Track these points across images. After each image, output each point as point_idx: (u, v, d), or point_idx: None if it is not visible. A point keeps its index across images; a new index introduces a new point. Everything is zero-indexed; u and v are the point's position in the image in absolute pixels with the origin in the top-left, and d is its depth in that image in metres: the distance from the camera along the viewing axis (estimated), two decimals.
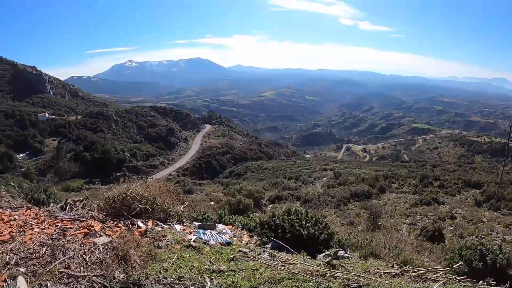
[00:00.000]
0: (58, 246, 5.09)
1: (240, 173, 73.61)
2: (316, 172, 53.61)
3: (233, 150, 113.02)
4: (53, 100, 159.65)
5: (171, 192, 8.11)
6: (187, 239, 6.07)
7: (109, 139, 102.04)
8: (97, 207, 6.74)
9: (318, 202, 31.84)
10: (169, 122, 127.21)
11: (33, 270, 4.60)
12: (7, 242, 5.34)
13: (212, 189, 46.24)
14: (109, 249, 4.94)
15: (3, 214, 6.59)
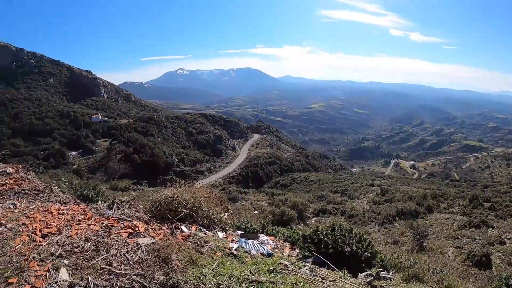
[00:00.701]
0: (102, 242, 5.20)
1: (286, 184, 73.20)
2: (362, 187, 52.62)
3: (280, 160, 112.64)
4: (107, 103, 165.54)
5: (216, 199, 8.16)
6: (228, 247, 6.06)
7: (159, 143, 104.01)
8: (143, 208, 6.84)
9: (363, 218, 31.22)
10: (218, 129, 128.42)
11: (76, 263, 4.75)
12: (54, 234, 5.55)
13: (257, 198, 46.19)
14: (151, 250, 5.00)
15: (52, 207, 6.83)
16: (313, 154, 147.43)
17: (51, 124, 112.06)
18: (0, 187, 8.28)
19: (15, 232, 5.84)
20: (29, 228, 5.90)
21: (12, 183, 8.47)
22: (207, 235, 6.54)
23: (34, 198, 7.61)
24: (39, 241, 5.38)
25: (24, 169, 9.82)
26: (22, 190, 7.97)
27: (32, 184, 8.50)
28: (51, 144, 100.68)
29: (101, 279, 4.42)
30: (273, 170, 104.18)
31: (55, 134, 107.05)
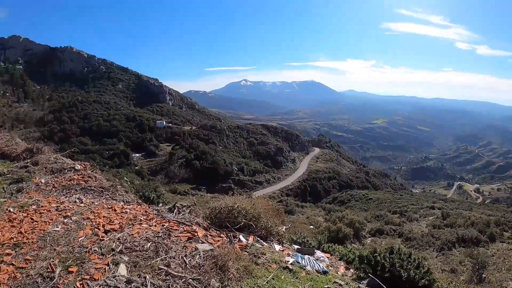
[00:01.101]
0: (162, 244, 5.29)
1: (344, 200, 72.08)
2: (422, 209, 50.88)
3: (339, 176, 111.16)
4: (171, 110, 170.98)
5: (275, 211, 8.13)
6: (284, 261, 6.00)
7: (220, 152, 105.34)
8: (202, 214, 6.91)
9: (421, 242, 30.15)
10: (279, 141, 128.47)
11: (135, 261, 4.88)
12: (116, 231, 5.75)
13: (314, 213, 45.84)
14: (209, 256, 5.02)
15: (116, 205, 7.08)
16: (374, 171, 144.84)
17: (118, 126, 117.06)
18: (68, 181, 8.70)
19: (79, 225, 6.13)
20: (92, 223, 6.17)
21: (80, 179, 8.86)
22: (264, 246, 6.51)
23: (99, 195, 7.92)
24: (101, 236, 5.60)
25: (91, 167, 10.23)
26: (89, 187, 8.32)
27: (98, 181, 8.85)
28: (116, 145, 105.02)
29: (158, 279, 4.49)
30: (332, 186, 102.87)
31: (121, 136, 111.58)
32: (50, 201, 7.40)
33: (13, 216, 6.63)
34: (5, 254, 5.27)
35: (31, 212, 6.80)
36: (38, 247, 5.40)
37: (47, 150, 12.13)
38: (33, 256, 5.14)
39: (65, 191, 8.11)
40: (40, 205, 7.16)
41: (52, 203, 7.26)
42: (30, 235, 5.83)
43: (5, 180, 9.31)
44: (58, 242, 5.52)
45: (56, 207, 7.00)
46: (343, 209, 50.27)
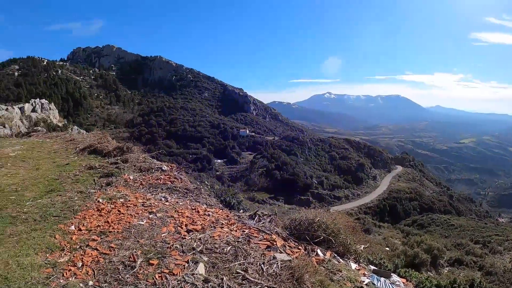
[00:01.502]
0: (241, 249, 5.34)
1: (424, 224, 69.20)
2: (507, 241, 47.69)
3: (421, 197, 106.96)
4: (255, 119, 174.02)
5: (354, 229, 7.96)
6: (360, 280, 5.85)
7: (300, 163, 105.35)
8: (282, 224, 6.90)
9: (502, 278, 28.04)
10: (361, 157, 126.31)
11: (214, 262, 4.97)
12: (197, 232, 5.92)
13: (391, 234, 44.45)
14: (286, 267, 4.98)
15: (199, 207, 7.28)
16: (458, 195, 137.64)
17: (202, 132, 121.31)
18: (155, 180, 9.10)
19: (163, 221, 6.41)
20: (176, 221, 6.41)
21: (166, 179, 9.24)
22: (341, 263, 6.39)
23: (183, 195, 8.18)
24: (183, 234, 5.80)
25: (177, 169, 10.58)
26: (174, 187, 8.65)
27: (183, 183, 9.17)
28: (200, 149, 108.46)
29: (234, 282, 4.53)
30: (412, 207, 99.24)
31: (205, 142, 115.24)
32: (137, 196, 7.79)
33: (102, 207, 7.14)
34: (91, 240, 5.70)
35: (118, 204, 7.21)
36: (123, 237, 5.74)
37: (136, 149, 12.76)
38: (117, 245, 5.48)
39: (152, 189, 8.51)
40: (128, 199, 7.57)
41: (139, 198, 7.65)
42: (116, 225, 6.22)
43: (96, 173, 9.96)
44: (142, 235, 5.82)
45: (142, 202, 7.37)
46: (422, 233, 48.26)
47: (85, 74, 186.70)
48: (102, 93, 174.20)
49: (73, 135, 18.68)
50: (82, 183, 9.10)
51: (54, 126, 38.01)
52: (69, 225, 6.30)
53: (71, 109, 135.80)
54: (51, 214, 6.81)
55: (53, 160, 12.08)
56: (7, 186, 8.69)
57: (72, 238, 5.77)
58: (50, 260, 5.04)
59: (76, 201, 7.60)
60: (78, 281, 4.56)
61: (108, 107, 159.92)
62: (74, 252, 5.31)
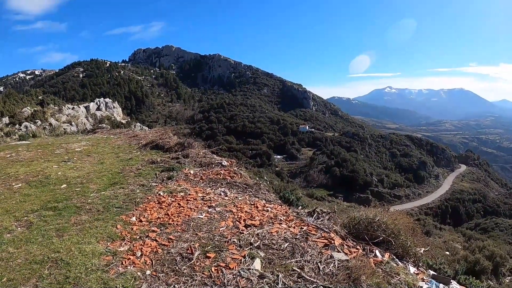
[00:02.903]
0: (298, 246, 5.30)
1: (487, 228, 66.65)
2: None
3: (485, 199, 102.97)
4: (314, 115, 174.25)
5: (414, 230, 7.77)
6: (417, 285, 5.65)
7: (360, 160, 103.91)
8: (340, 223, 6.83)
9: None
10: (423, 155, 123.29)
11: (270, 258, 4.96)
12: (256, 227, 5.94)
13: (452, 237, 43.09)
14: (343, 266, 4.91)
15: (258, 203, 7.30)
16: None
17: (262, 128, 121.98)
18: (215, 175, 9.25)
19: (222, 216, 6.50)
20: (234, 216, 6.47)
21: (226, 174, 9.38)
22: (399, 266, 6.21)
23: (243, 191, 8.27)
24: (241, 229, 5.84)
25: (237, 164, 10.72)
26: (234, 182, 8.76)
27: (243, 178, 9.27)
28: (259, 145, 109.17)
29: (289, 280, 4.50)
30: (476, 210, 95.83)
31: (264, 138, 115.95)
32: (197, 190, 7.96)
33: (162, 199, 7.35)
34: (151, 231, 5.89)
35: (178, 198, 7.39)
36: (182, 230, 5.88)
37: (196, 145, 13.05)
38: (175, 237, 5.62)
39: (211, 184, 8.67)
40: (188, 193, 7.75)
41: (199, 192, 7.81)
42: (176, 218, 6.39)
43: (157, 168, 10.29)
44: (201, 228, 5.93)
45: (202, 196, 7.52)
46: (485, 238, 46.43)
47: (146, 73, 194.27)
48: (163, 91, 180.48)
49: (135, 131, 19.42)
50: (144, 176, 9.45)
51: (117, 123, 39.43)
52: (131, 216, 6.55)
53: (134, 107, 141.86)
54: (113, 206, 7.14)
55: (116, 155, 12.62)
56: (73, 179, 9.19)
57: (132, 229, 5.99)
58: (111, 249, 5.28)
59: (138, 193, 7.90)
60: (136, 269, 4.72)
61: (169, 105, 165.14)
62: (134, 242, 5.51)
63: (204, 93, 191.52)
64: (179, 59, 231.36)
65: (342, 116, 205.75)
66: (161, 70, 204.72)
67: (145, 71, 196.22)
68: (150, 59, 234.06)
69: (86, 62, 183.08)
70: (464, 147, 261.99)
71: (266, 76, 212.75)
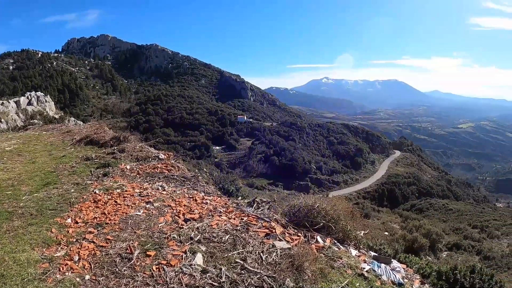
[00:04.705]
0: (240, 238, 5.29)
1: (422, 208, 69.45)
2: (505, 226, 47.75)
3: (419, 182, 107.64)
4: (252, 105, 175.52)
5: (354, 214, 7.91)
6: (360, 267, 5.78)
7: (299, 149, 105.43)
8: (281, 211, 6.84)
9: (500, 263, 28.06)
10: (359, 142, 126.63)
11: (212, 252, 4.92)
12: (195, 221, 5.86)
13: (389, 219, 44.67)
14: (286, 255, 4.94)
15: (197, 195, 7.23)
16: (456, 180, 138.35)
17: (200, 120, 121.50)
18: (152, 169, 9.05)
19: (160, 211, 6.36)
20: (173, 210, 6.36)
21: (163, 168, 9.20)
22: (341, 250, 6.33)
23: (181, 184, 8.13)
24: (181, 224, 5.74)
25: (174, 157, 10.54)
26: (171, 175, 8.60)
27: (180, 171, 9.14)
28: (197, 137, 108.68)
29: (233, 272, 4.48)
30: (411, 192, 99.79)
31: (202, 129, 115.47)
32: (134, 186, 7.74)
33: (98, 198, 7.07)
34: (87, 232, 5.65)
35: (115, 195, 7.15)
36: (119, 229, 5.69)
37: (133, 139, 12.72)
38: (114, 237, 5.42)
39: (149, 178, 8.45)
40: (124, 189, 7.52)
41: (136, 188, 7.60)
42: (113, 216, 6.17)
43: (92, 164, 9.91)
44: (139, 226, 5.77)
45: (139, 192, 7.31)
46: (421, 218, 48.37)
47: (81, 65, 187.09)
48: (98, 83, 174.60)
49: (69, 127, 18.62)
50: (78, 174, 9.05)
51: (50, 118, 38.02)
52: (66, 218, 6.24)
53: (68, 101, 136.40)
54: (47, 208, 6.76)
55: (49, 153, 12.04)
56: (3, 181, 8.63)
57: (68, 232, 5.72)
58: (47, 255, 5.00)
59: (72, 193, 7.54)
60: (74, 275, 4.51)
61: (104, 97, 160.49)
62: (70, 245, 5.25)
63: (141, 85, 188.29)
64: (115, 49, 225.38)
65: (280, 106, 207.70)
66: (96, 61, 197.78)
67: (79, 62, 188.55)
68: (84, 49, 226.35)
69: (16, 53, 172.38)
70: (398, 134, 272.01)
71: (204, 67, 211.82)
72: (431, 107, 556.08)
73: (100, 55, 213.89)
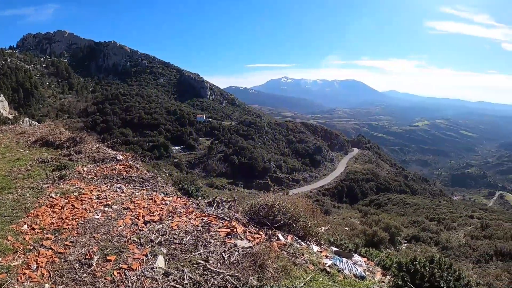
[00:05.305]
0: (201, 238, 5.28)
1: (381, 203, 70.87)
2: (461, 218, 49.33)
3: (377, 178, 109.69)
4: (211, 105, 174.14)
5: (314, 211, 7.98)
6: (322, 263, 5.86)
7: (258, 148, 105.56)
8: (241, 210, 6.84)
9: (457, 252, 29.05)
10: (318, 140, 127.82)
11: (174, 254, 4.88)
12: (155, 222, 5.79)
13: (349, 214, 45.32)
14: (248, 254, 4.95)
15: (156, 196, 7.15)
16: (413, 175, 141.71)
17: (158, 119, 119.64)
18: (110, 171, 8.86)
19: (119, 214, 6.24)
20: (132, 213, 6.25)
21: (121, 169, 9.02)
22: (302, 246, 6.39)
23: (140, 185, 8.02)
24: (140, 226, 5.66)
25: (133, 158, 10.37)
26: (130, 177, 8.45)
27: (139, 172, 8.99)
28: (156, 137, 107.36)
29: (195, 273, 4.47)
30: (369, 188, 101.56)
31: (161, 129, 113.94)
32: (92, 189, 7.55)
33: (55, 202, 6.84)
34: (45, 239, 5.45)
35: (72, 199, 6.95)
36: (78, 234, 5.52)
37: (90, 139, 12.41)
38: (72, 242, 5.26)
39: (107, 180, 8.27)
40: (82, 192, 7.31)
41: (94, 191, 7.41)
42: (71, 221, 5.98)
43: (48, 167, 9.59)
44: (98, 230, 5.63)
45: (97, 195, 7.14)
46: (380, 212, 49.45)
47: (36, 62, 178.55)
48: (54, 81, 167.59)
49: (24, 128, 18.00)
50: (34, 178, 8.71)
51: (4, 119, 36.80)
52: (22, 225, 6.01)
53: (22, 100, 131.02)
54: (2, 214, 6.47)
55: (3, 156, 11.58)
56: None
57: (25, 239, 5.51)
58: (4, 265, 4.80)
59: (28, 198, 7.27)
60: (33, 285, 4.38)
61: (60, 96, 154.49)
62: (28, 253, 5.08)
63: (98, 83, 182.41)
64: (72, 45, 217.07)
65: (239, 105, 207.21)
66: (52, 58, 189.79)
67: (34, 59, 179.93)
68: (40, 46, 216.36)
69: None
70: (356, 133, 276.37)
71: (163, 66, 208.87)
72: (389, 106, 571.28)
73: (57, 52, 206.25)
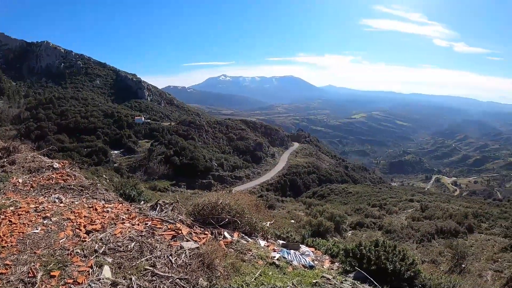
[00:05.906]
0: (146, 243, 5.19)
1: (324, 194, 72.34)
2: (401, 202, 51.35)
3: (319, 170, 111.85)
4: (150, 105, 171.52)
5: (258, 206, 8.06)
6: (270, 256, 5.95)
7: (199, 147, 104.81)
8: (185, 211, 6.81)
9: (401, 234, 30.29)
10: (258, 136, 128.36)
11: (120, 262, 4.75)
12: (98, 231, 5.60)
13: (294, 207, 45.92)
14: (195, 255, 4.94)
15: (97, 204, 6.93)
16: (353, 165, 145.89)
17: (96, 123, 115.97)
18: (47, 181, 8.51)
19: (59, 226, 5.94)
20: (73, 223, 5.99)
21: (58, 178, 8.67)
22: (249, 242, 6.45)
23: (79, 194, 7.75)
24: (83, 237, 5.44)
25: (70, 165, 10.03)
26: (68, 186, 8.13)
27: (77, 180, 8.68)
28: (94, 142, 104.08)
29: (144, 280, 4.39)
30: (312, 180, 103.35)
31: (99, 133, 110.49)
32: (29, 201, 7.16)
33: None
34: None
35: (9, 214, 6.56)
36: (18, 251, 5.19)
37: (24, 148, 11.88)
38: (12, 261, 4.92)
39: (44, 191, 7.89)
40: (18, 206, 6.90)
41: (31, 203, 7.02)
42: (9, 238, 5.61)
43: None
44: (38, 245, 5.34)
45: (35, 208, 6.77)
46: (323, 203, 50.38)
47: None
48: None
49: None
50: None
51: None
52: None
53: None
54: None
55: None
56: None
57: None
58: None
59: None
60: None
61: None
62: None
63: (31, 87, 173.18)
64: (2, 46, 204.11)
65: (178, 105, 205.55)
66: None
67: None
68: None
69: None
70: (296, 127, 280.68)
71: (99, 66, 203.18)
72: (326, 101, 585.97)
73: None
